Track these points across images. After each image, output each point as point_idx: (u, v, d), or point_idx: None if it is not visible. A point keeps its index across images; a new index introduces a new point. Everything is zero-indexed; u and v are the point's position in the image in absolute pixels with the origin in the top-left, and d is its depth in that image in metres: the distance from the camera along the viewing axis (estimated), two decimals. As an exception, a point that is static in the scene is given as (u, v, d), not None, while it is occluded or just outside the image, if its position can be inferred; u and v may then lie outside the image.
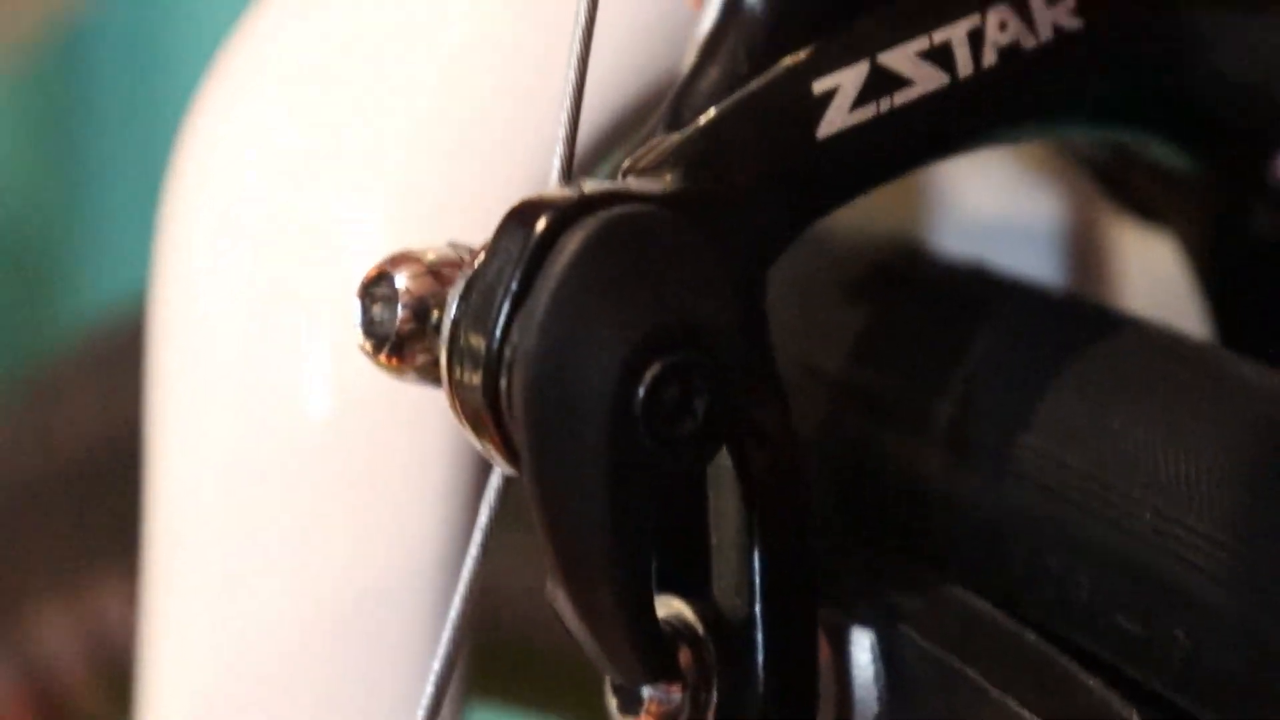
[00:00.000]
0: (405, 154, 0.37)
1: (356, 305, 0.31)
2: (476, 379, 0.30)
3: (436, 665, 0.33)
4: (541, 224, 0.29)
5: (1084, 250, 0.42)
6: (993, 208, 0.41)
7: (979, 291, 0.35)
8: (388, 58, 0.38)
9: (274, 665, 0.39)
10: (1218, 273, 0.38)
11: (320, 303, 0.34)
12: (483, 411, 0.30)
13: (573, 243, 0.29)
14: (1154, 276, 0.41)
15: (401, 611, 0.38)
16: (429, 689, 0.33)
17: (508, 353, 0.29)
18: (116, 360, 0.57)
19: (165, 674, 0.41)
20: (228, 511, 0.39)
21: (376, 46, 0.38)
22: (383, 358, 0.31)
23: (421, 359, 0.31)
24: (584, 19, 0.31)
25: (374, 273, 0.31)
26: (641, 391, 0.29)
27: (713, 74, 0.33)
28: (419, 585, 0.38)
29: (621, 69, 0.37)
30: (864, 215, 0.40)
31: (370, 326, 0.31)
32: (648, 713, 0.31)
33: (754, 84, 0.32)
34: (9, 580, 0.71)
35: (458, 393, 0.30)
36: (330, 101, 0.38)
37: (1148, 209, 0.39)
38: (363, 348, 0.31)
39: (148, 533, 0.40)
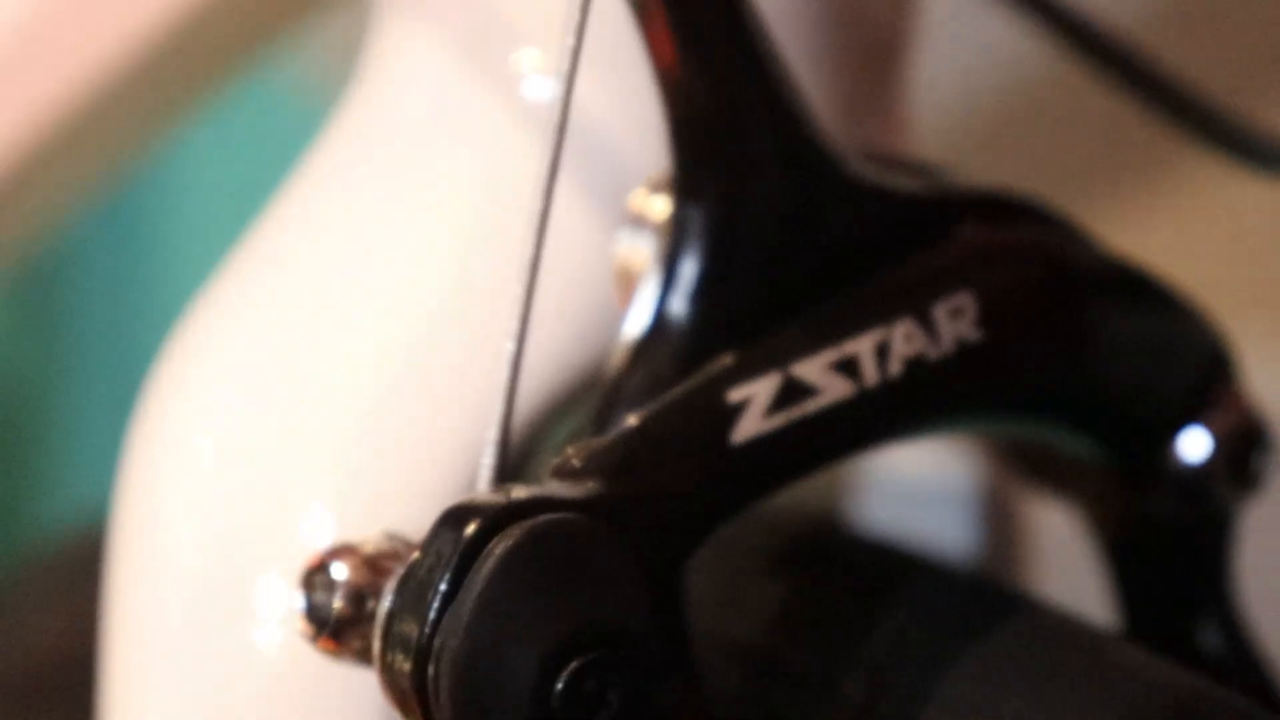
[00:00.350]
0: (352, 444, 0.37)
1: (299, 593, 0.32)
2: (407, 666, 0.30)
3: None
4: (470, 529, 0.30)
5: (1000, 522, 0.42)
6: (914, 478, 0.42)
7: (892, 570, 0.36)
8: (340, 351, 0.38)
9: None
10: (1119, 551, 0.39)
11: (265, 578, 0.35)
12: (411, 697, 0.31)
13: (498, 549, 0.30)
14: (1065, 550, 0.42)
15: None
16: None
17: (436, 644, 0.30)
18: (80, 574, 0.57)
19: None
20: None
21: (330, 338, 0.38)
22: (320, 642, 0.32)
23: (357, 644, 0.31)
24: (516, 330, 0.32)
25: (315, 561, 0.32)
26: (559, 686, 0.29)
27: (638, 378, 0.34)
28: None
29: (553, 368, 0.37)
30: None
31: (310, 612, 0.32)
32: None
33: (675, 391, 0.32)
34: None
35: (389, 677, 0.31)
36: (285, 383, 0.38)
37: (1056, 487, 0.40)
38: (302, 632, 0.32)
39: None
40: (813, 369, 0.33)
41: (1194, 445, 0.38)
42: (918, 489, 0.42)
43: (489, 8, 0.39)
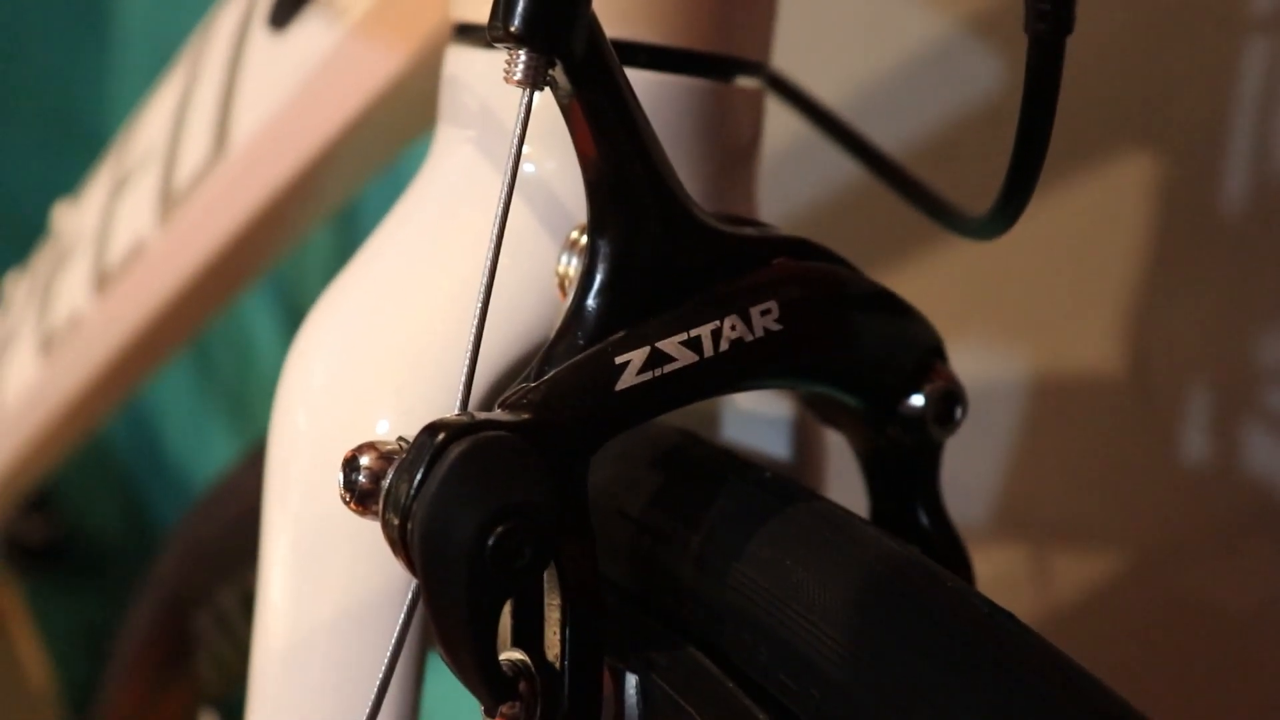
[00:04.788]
0: (396, 386, 0.37)
1: (340, 473, 0.30)
2: (395, 523, 0.29)
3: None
4: (439, 438, 0.29)
5: (801, 442, 0.40)
6: (749, 411, 0.40)
7: (729, 468, 0.34)
8: (391, 328, 0.37)
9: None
10: (870, 465, 0.37)
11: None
12: (397, 544, 0.29)
13: (454, 451, 0.28)
14: (842, 462, 0.40)
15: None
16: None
17: (412, 510, 0.29)
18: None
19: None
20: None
21: (385, 319, 0.38)
22: (352, 505, 0.30)
23: (375, 507, 0.30)
24: (479, 308, 0.30)
25: (349, 454, 0.30)
26: (490, 542, 0.28)
27: (562, 346, 0.32)
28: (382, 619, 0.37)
29: (515, 338, 0.36)
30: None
31: (348, 485, 0.30)
32: (499, 716, 0.30)
33: (582, 355, 0.31)
34: None
35: (386, 530, 0.30)
36: (365, 343, 0.38)
37: (834, 423, 0.38)
38: (342, 498, 0.30)
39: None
40: (670, 344, 0.31)
41: (915, 401, 0.36)
42: (751, 419, 0.40)
43: (499, 135, 0.37)
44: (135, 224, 0.59)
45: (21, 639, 1.20)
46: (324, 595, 0.37)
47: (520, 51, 0.29)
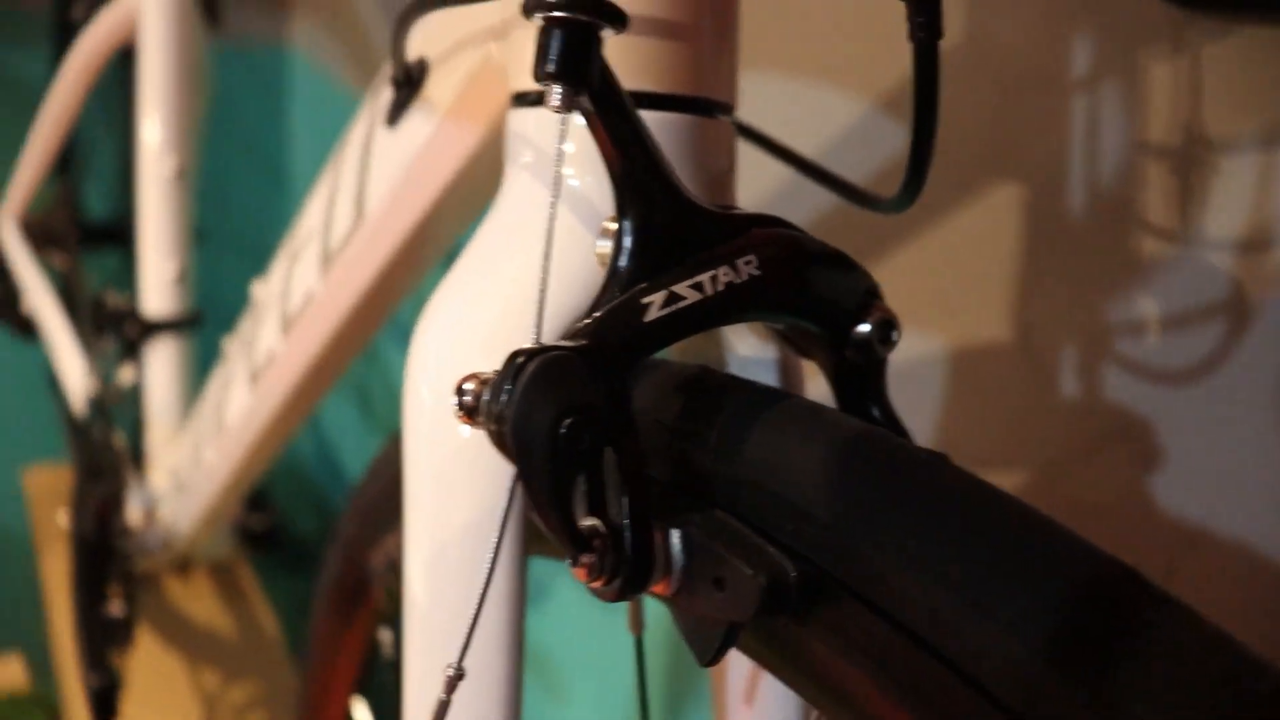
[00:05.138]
0: (492, 339, 0.36)
1: (453, 396, 0.29)
2: (494, 427, 0.28)
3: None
4: (519, 360, 0.28)
5: (785, 371, 0.39)
6: (745, 355, 0.39)
7: (735, 385, 0.33)
8: (489, 302, 0.36)
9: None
10: (835, 377, 0.36)
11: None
12: (497, 441, 0.29)
13: (530, 367, 0.28)
14: (813, 377, 0.39)
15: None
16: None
17: (505, 414, 0.28)
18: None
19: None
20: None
21: (484, 296, 0.37)
22: (462, 419, 0.29)
23: (479, 420, 0.29)
24: (542, 276, 0.30)
25: (459, 382, 0.29)
26: (561, 431, 0.27)
27: (605, 298, 0.31)
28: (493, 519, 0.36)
29: (574, 296, 0.35)
30: (687, 352, 0.38)
31: (460, 404, 0.29)
32: (581, 565, 0.29)
33: (618, 299, 0.30)
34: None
35: (489, 433, 0.29)
36: (470, 312, 0.37)
37: (806, 352, 0.37)
38: (456, 415, 0.29)
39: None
40: (681, 288, 0.31)
41: (863, 328, 0.35)
42: (748, 360, 0.39)
43: (547, 164, 0.36)
44: (307, 280, 0.59)
45: (256, 602, 1.19)
46: (450, 510, 0.36)
47: (556, 86, 0.29)
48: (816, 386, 0.39)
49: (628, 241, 0.31)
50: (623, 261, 0.31)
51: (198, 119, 0.96)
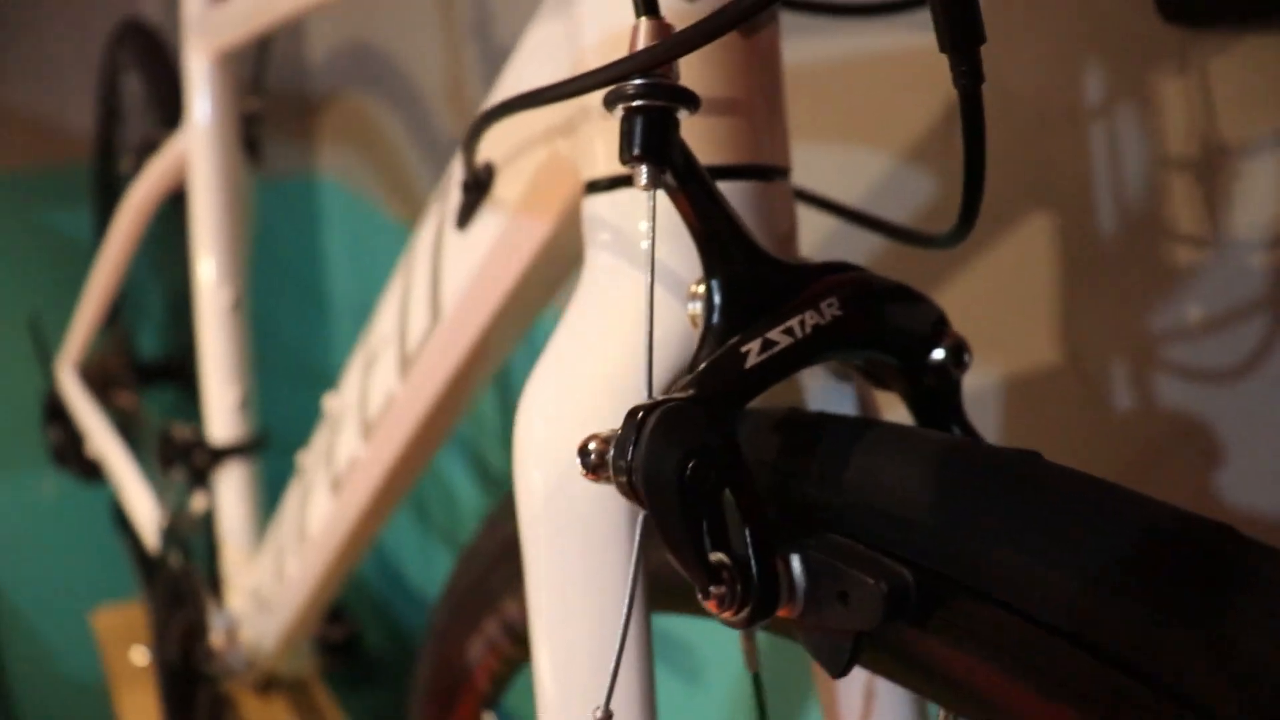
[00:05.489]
0: (606, 399, 0.37)
1: (578, 459, 0.32)
2: (624, 478, 0.31)
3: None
4: (640, 414, 0.30)
5: (863, 401, 0.41)
6: (826, 388, 0.41)
7: (823, 420, 0.35)
8: (594, 365, 0.38)
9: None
10: (914, 403, 0.38)
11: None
12: (628, 490, 0.31)
13: (652, 419, 0.30)
14: (892, 406, 0.41)
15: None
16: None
17: (633, 463, 0.30)
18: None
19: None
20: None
21: (587, 358, 0.38)
22: (590, 477, 0.32)
23: (605, 475, 0.31)
24: (646, 327, 0.32)
25: (583, 444, 0.32)
26: (687, 473, 0.30)
27: (704, 351, 0.34)
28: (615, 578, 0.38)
29: (673, 355, 0.37)
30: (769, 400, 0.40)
31: (584, 464, 0.32)
32: (713, 597, 0.31)
33: (718, 351, 0.33)
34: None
35: (619, 485, 0.31)
36: (576, 376, 0.38)
37: (884, 384, 0.39)
38: (583, 474, 0.32)
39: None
40: (774, 334, 0.33)
41: (938, 354, 0.37)
42: (828, 392, 0.41)
43: (626, 242, 0.39)
44: (385, 384, 0.62)
45: (333, 717, 1.20)
46: (574, 575, 0.38)
47: (642, 166, 0.32)
48: (896, 415, 0.41)
49: (717, 299, 0.34)
50: (715, 318, 0.34)
51: (248, 252, 1.01)
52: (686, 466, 0.29)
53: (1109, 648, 0.25)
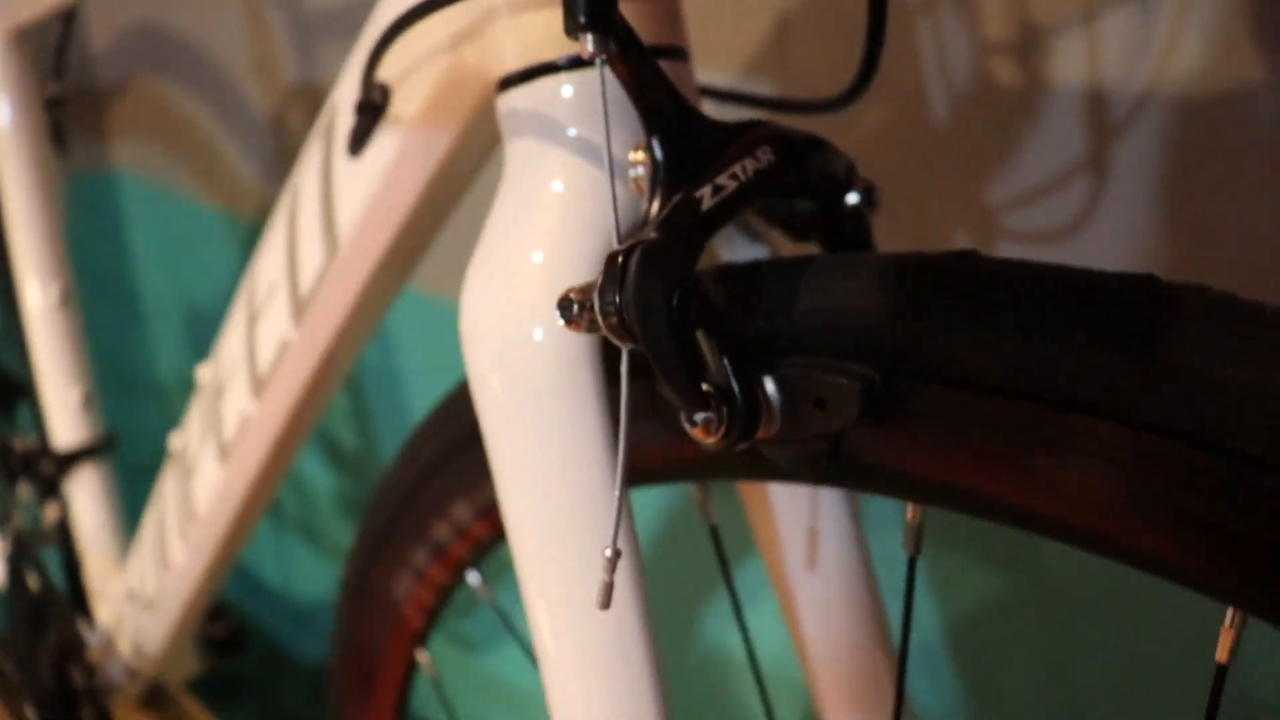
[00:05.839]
0: (549, 278, 0.38)
1: (558, 312, 0.33)
2: (614, 318, 0.32)
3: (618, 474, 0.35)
4: (620, 256, 0.32)
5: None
6: (738, 255, 0.43)
7: (756, 264, 0.37)
8: (537, 244, 0.39)
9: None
10: (820, 235, 0.41)
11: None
12: (619, 329, 0.32)
13: (634, 257, 0.32)
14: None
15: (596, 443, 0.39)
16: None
17: (624, 300, 0.32)
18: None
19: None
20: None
21: (527, 243, 0.39)
22: (575, 327, 0.33)
23: (584, 323, 0.33)
24: (614, 201, 0.34)
25: (562, 296, 0.33)
26: (674, 301, 0.32)
27: (657, 201, 0.36)
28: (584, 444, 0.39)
29: (629, 213, 0.39)
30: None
31: (564, 315, 0.33)
32: (699, 424, 0.33)
33: (673, 200, 0.35)
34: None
35: (608, 327, 0.33)
36: (522, 266, 0.39)
37: (797, 235, 0.42)
38: (567, 326, 0.33)
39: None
40: (722, 179, 0.35)
41: (852, 198, 0.40)
42: (747, 254, 0.43)
43: (553, 129, 0.40)
44: (277, 333, 0.61)
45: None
46: (546, 445, 0.38)
47: (589, 35, 0.33)
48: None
49: (660, 155, 0.36)
50: (663, 174, 0.36)
51: (67, 242, 0.96)
52: (673, 296, 0.32)
53: (1069, 395, 0.28)
